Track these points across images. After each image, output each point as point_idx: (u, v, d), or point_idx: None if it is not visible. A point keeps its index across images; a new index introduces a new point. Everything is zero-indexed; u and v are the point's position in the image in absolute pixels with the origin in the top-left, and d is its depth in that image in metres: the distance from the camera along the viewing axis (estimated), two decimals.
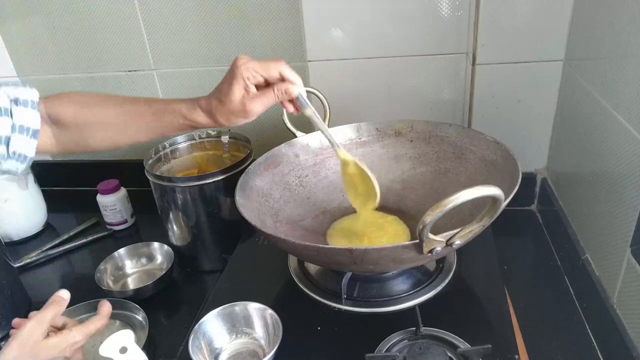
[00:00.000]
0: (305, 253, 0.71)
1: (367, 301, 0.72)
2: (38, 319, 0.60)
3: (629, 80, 0.63)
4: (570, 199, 0.88)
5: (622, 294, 0.66)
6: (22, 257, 1.04)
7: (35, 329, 0.59)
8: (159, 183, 0.90)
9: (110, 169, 1.20)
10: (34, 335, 0.58)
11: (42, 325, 0.59)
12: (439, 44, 0.98)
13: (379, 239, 0.78)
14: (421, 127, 0.88)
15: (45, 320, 0.60)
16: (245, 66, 0.61)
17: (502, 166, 0.74)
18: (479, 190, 0.51)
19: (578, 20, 0.83)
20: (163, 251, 0.97)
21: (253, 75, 0.61)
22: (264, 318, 0.68)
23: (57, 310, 0.62)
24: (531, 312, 0.78)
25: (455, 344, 0.62)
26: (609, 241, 0.70)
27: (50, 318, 0.61)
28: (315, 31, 1.00)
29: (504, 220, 0.65)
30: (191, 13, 1.04)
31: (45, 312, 0.60)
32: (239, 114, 0.63)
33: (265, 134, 1.13)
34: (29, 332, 0.58)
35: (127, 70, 1.13)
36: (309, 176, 0.89)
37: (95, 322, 0.64)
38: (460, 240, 0.58)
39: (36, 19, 1.11)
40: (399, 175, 0.89)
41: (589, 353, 0.71)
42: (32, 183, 1.13)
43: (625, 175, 0.65)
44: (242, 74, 0.60)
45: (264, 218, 0.79)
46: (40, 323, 0.59)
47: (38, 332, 0.59)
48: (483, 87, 0.94)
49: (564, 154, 0.91)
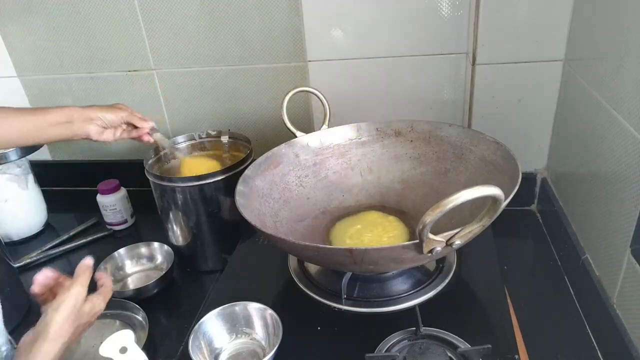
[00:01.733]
0: (305, 253, 0.71)
1: (367, 301, 0.72)
2: (82, 284, 0.62)
3: (629, 80, 0.63)
4: (570, 199, 0.88)
5: (622, 294, 0.66)
6: (22, 257, 1.04)
7: (81, 293, 0.61)
8: (159, 183, 0.90)
9: (110, 169, 1.20)
10: (79, 299, 0.61)
11: (85, 290, 0.62)
12: (439, 44, 0.98)
13: (379, 238, 0.78)
14: (421, 127, 0.88)
15: (86, 286, 0.62)
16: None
17: (502, 166, 0.74)
18: (479, 190, 0.51)
19: (578, 20, 0.83)
20: (163, 251, 0.97)
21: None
22: (264, 318, 0.68)
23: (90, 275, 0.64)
24: (531, 312, 0.78)
25: (455, 344, 0.62)
26: (609, 241, 0.70)
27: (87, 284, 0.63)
28: (315, 31, 1.00)
29: (504, 220, 0.65)
30: (191, 13, 1.04)
31: (84, 279, 0.63)
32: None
33: (265, 134, 1.13)
34: (76, 296, 0.60)
35: (127, 70, 1.13)
36: (309, 176, 0.89)
37: (108, 291, 0.67)
38: (460, 240, 0.58)
39: (36, 19, 1.11)
40: (399, 175, 0.89)
41: (589, 353, 0.71)
42: (32, 183, 1.13)
43: (625, 175, 0.65)
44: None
45: (264, 218, 0.79)
46: (84, 288, 0.62)
47: (82, 296, 0.61)
48: (483, 87, 0.94)
49: (564, 154, 0.91)
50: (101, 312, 0.65)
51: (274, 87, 1.09)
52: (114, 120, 0.80)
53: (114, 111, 0.80)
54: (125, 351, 0.61)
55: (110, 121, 0.79)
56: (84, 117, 0.77)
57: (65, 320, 0.58)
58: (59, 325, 0.58)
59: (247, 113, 1.13)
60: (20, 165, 1.09)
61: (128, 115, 0.82)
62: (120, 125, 0.82)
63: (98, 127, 0.79)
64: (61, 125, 0.76)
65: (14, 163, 1.07)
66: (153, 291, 0.89)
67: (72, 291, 0.60)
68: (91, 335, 0.82)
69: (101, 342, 0.61)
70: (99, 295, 0.65)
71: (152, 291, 0.89)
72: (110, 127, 0.80)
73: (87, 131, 0.78)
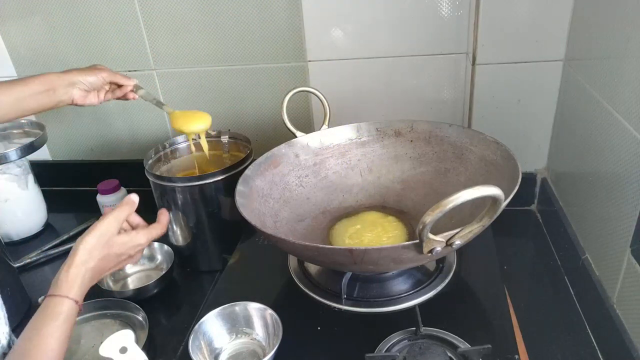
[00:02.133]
0: (305, 253, 0.71)
1: (367, 301, 0.72)
2: (115, 215, 0.63)
3: (629, 80, 0.63)
4: (570, 199, 0.88)
5: (622, 294, 0.66)
6: (22, 257, 1.04)
7: (112, 224, 0.63)
8: (159, 183, 0.90)
9: (110, 169, 1.20)
10: (110, 229, 0.62)
11: (117, 222, 0.63)
12: (439, 44, 0.98)
13: (379, 238, 0.79)
14: (421, 127, 0.88)
15: (120, 218, 0.64)
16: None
17: (502, 166, 0.74)
18: (479, 190, 0.51)
19: (578, 20, 0.83)
20: (163, 251, 0.97)
21: None
22: (264, 318, 0.68)
23: (130, 210, 0.66)
24: (531, 312, 0.78)
25: (455, 344, 0.62)
26: (609, 241, 0.70)
27: (124, 217, 0.65)
28: (315, 31, 1.00)
29: (504, 220, 0.65)
30: (191, 13, 1.04)
31: (120, 211, 0.64)
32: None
33: (265, 134, 1.13)
34: (107, 226, 0.62)
35: (127, 71, 1.13)
36: (309, 176, 0.89)
37: (157, 229, 0.68)
38: (460, 240, 0.58)
39: (36, 19, 1.11)
40: (399, 175, 0.89)
41: (589, 353, 0.71)
42: (32, 183, 1.13)
43: (625, 175, 0.65)
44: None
45: (264, 218, 0.79)
46: (117, 220, 0.63)
47: (114, 227, 0.63)
48: (483, 87, 0.94)
49: (564, 154, 0.91)
50: (142, 248, 0.66)
51: (274, 87, 1.09)
52: (96, 82, 0.79)
53: (94, 72, 0.79)
54: (125, 351, 0.61)
55: (93, 83, 0.78)
56: (66, 82, 0.76)
57: (93, 246, 0.60)
58: (86, 250, 0.60)
59: (247, 113, 1.13)
60: (20, 165, 1.09)
61: (109, 75, 0.80)
62: (103, 86, 0.81)
63: (81, 90, 0.78)
64: (44, 94, 0.74)
65: (14, 163, 1.07)
66: (153, 291, 0.89)
67: (100, 222, 0.62)
68: (91, 335, 0.82)
69: (101, 342, 0.61)
70: (142, 230, 0.66)
71: (152, 291, 0.89)
72: (93, 90, 0.79)
73: (70, 96, 0.77)
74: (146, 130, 1.21)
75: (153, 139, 1.20)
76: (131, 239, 0.64)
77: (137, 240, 0.65)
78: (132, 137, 1.23)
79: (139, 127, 1.21)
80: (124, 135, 1.23)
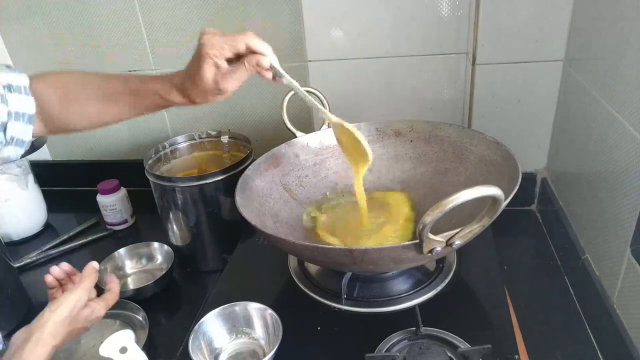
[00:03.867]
0: (305, 253, 0.71)
1: (367, 301, 0.72)
2: (84, 287, 0.62)
3: (629, 80, 0.63)
4: (570, 199, 0.88)
5: (622, 294, 0.66)
6: (22, 257, 1.04)
7: (82, 298, 0.61)
8: (159, 183, 0.90)
9: (110, 169, 1.20)
10: (80, 303, 0.61)
11: (87, 294, 0.62)
12: (439, 44, 0.98)
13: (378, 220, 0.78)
14: (421, 127, 0.88)
15: (89, 289, 0.63)
16: (210, 44, 0.58)
17: (502, 166, 0.74)
18: (479, 190, 0.51)
19: (578, 20, 0.83)
20: (163, 251, 0.97)
21: (220, 53, 0.59)
22: (264, 318, 0.68)
23: (96, 279, 0.64)
24: (531, 312, 0.78)
25: (455, 344, 0.62)
26: (609, 241, 0.70)
27: (92, 287, 0.63)
28: (315, 31, 1.00)
29: (504, 220, 0.65)
30: (191, 13, 1.04)
31: (89, 282, 0.63)
32: (213, 92, 0.62)
33: (265, 134, 1.13)
34: (78, 297, 0.61)
35: (127, 71, 1.13)
36: (309, 176, 0.89)
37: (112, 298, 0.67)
38: (460, 240, 0.58)
39: (36, 19, 1.11)
40: (399, 175, 0.89)
41: (589, 353, 0.71)
42: (32, 183, 1.13)
43: (625, 175, 0.65)
44: (209, 52, 0.58)
45: (264, 218, 0.79)
46: (87, 291, 0.62)
47: (83, 301, 0.61)
48: (483, 87, 0.94)
49: (564, 154, 0.91)
50: (99, 319, 0.65)
51: (274, 87, 1.08)
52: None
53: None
54: (125, 351, 0.61)
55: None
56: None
57: (61, 323, 0.58)
58: (54, 328, 0.57)
59: (247, 113, 1.13)
60: (20, 165, 1.09)
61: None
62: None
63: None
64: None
65: (14, 163, 1.07)
66: (153, 291, 0.89)
67: (72, 295, 0.60)
68: (91, 335, 0.82)
69: (101, 342, 0.61)
70: (101, 301, 0.64)
71: (152, 291, 0.89)
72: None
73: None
74: (146, 130, 1.21)
75: (153, 139, 1.20)
76: (93, 312, 0.63)
77: (98, 313, 0.63)
78: (132, 137, 1.23)
79: (139, 127, 1.21)
80: (124, 135, 1.23)
